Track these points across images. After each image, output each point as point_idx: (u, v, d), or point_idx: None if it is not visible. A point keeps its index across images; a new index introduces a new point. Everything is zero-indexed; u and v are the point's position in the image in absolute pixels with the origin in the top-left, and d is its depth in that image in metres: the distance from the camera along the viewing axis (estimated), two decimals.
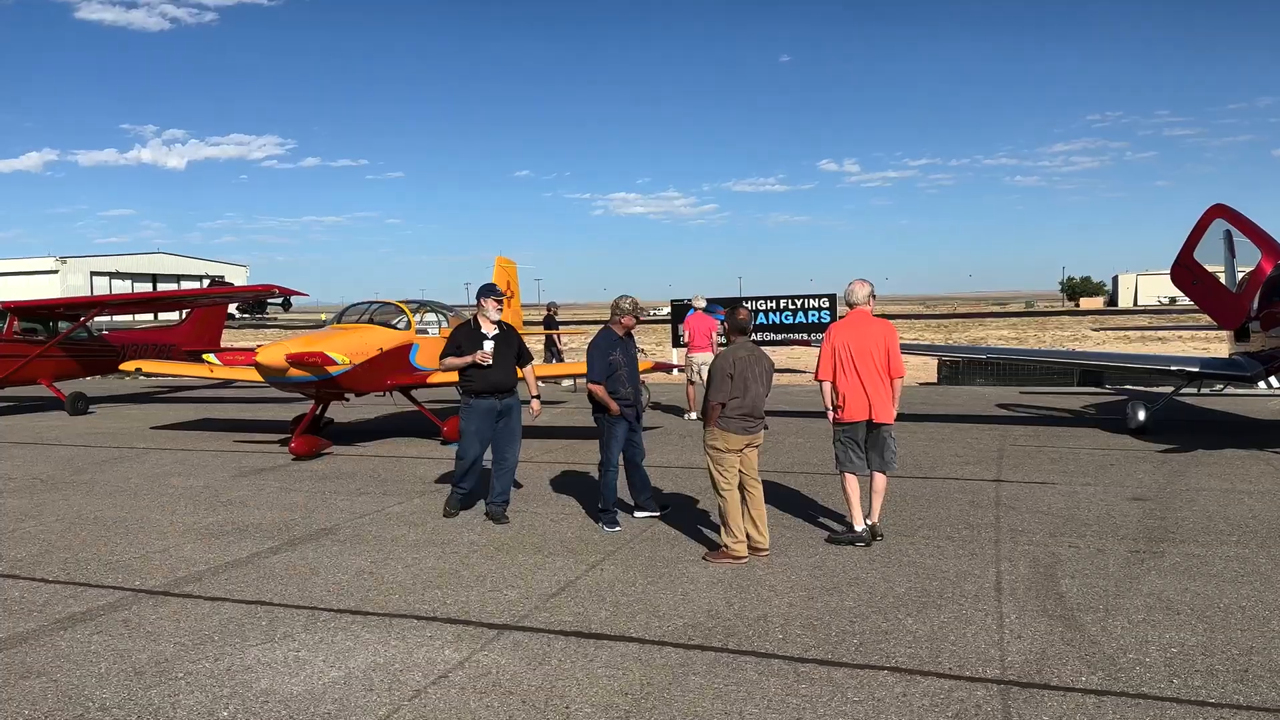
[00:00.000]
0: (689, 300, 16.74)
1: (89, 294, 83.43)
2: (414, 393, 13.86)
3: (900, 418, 7.61)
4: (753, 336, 7.36)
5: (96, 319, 19.55)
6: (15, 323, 17.82)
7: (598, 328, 8.52)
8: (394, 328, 13.26)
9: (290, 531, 7.99)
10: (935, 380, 22.35)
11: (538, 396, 8.67)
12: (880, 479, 7.32)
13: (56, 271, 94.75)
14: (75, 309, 19.27)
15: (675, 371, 17.54)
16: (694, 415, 15.19)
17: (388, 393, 13.71)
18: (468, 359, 8.02)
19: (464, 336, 8.15)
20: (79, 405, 17.48)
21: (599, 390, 7.82)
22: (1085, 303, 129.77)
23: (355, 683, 4.75)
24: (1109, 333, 40.40)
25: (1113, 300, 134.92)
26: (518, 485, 8.93)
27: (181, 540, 7.75)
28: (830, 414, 7.27)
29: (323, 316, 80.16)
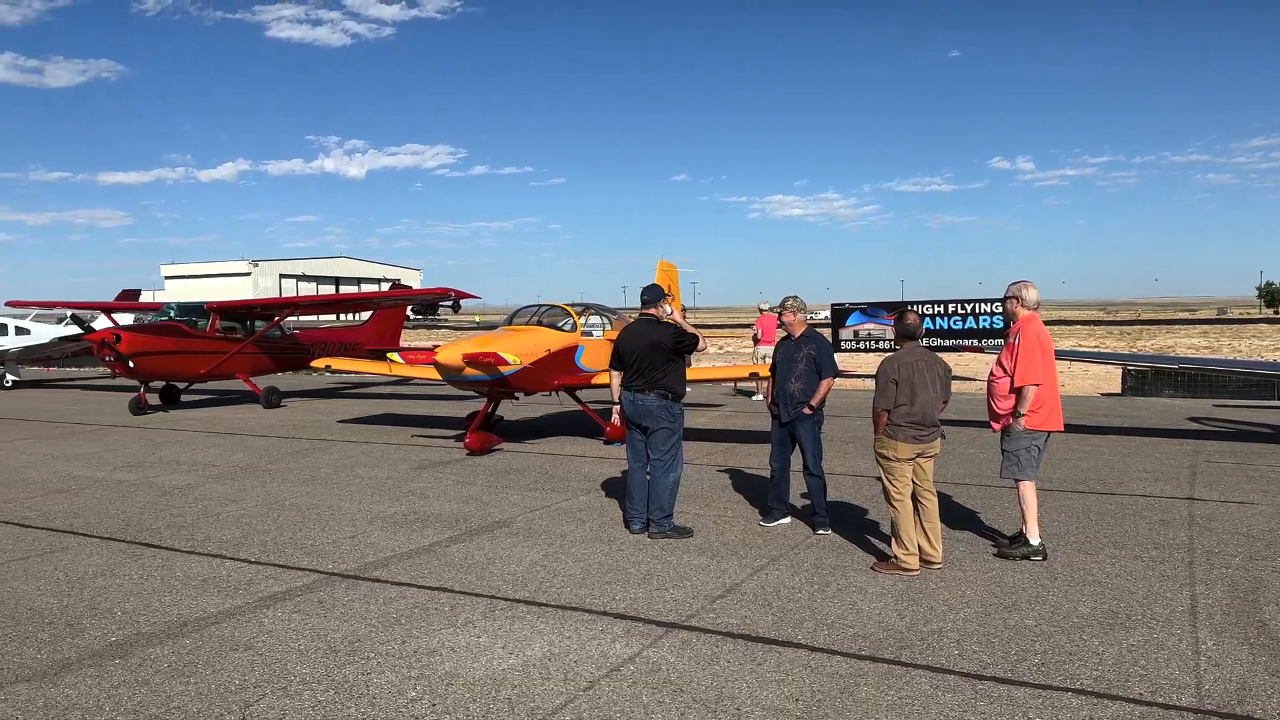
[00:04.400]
0: (848, 305, 19.07)
1: (278, 295, 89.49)
2: (578, 393, 14.19)
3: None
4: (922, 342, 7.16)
5: (287, 318, 20.93)
6: (217, 321, 19.31)
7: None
8: (560, 329, 13.63)
9: (467, 523, 8.35)
10: (1120, 391, 21.13)
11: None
12: None
13: (249, 274, 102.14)
14: (270, 309, 20.72)
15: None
16: (759, 396, 18.90)
17: (554, 392, 14.10)
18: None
19: None
20: (273, 399, 18.75)
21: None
22: None
23: (533, 670, 4.93)
24: None
25: None
26: None
27: (369, 527, 8.23)
28: (1020, 421, 6.86)
29: (476, 319, 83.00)
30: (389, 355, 18.44)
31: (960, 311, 18.48)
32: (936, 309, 18.80)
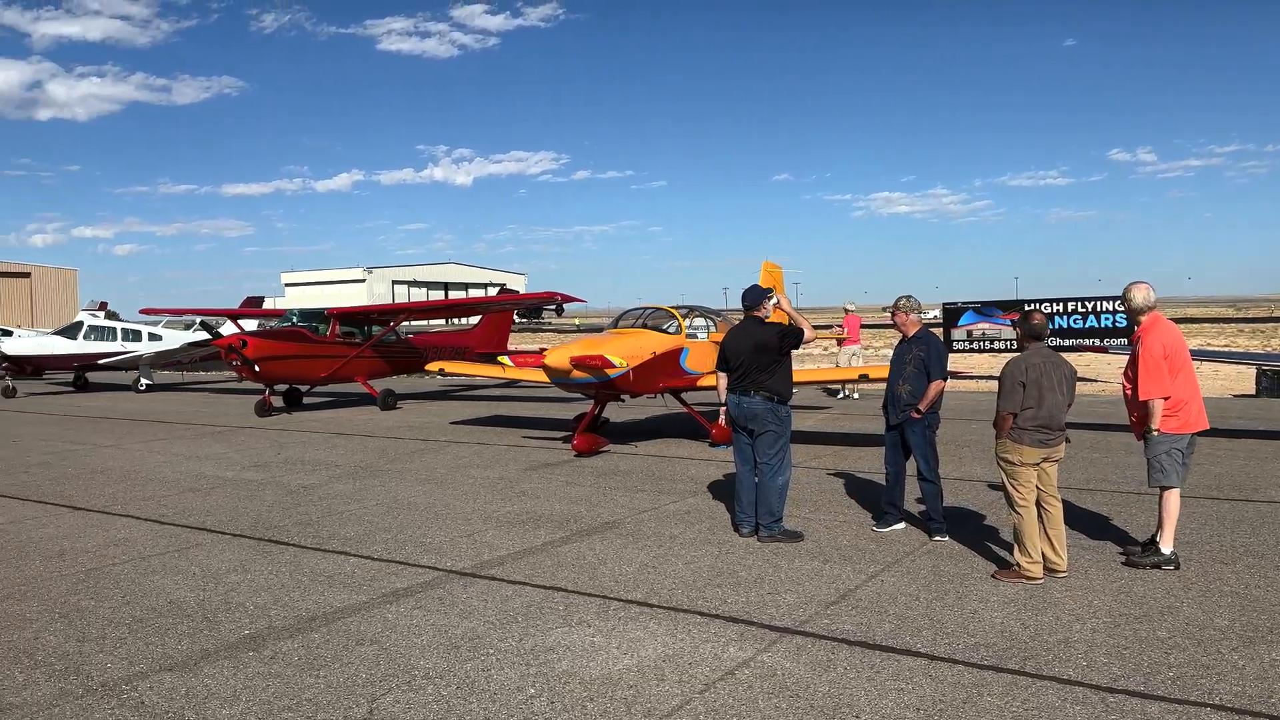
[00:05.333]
0: (960, 304, 18.65)
1: (390, 300, 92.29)
2: (684, 395, 14.20)
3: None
4: (1049, 342, 6.93)
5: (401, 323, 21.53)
6: (337, 327, 20.01)
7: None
8: (665, 332, 13.65)
9: (578, 523, 8.46)
10: (1254, 392, 20.03)
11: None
12: None
13: (364, 280, 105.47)
14: (386, 315, 21.35)
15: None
16: (843, 395, 19.75)
17: (659, 395, 14.14)
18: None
19: None
20: (389, 401, 19.31)
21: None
22: None
23: (648, 671, 4.96)
24: None
25: None
26: None
27: (484, 526, 8.42)
28: (1155, 430, 6.60)
29: (576, 322, 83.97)
30: (500, 359, 18.78)
31: (1080, 310, 17.79)
32: (1055, 307, 18.13)
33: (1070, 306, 17.95)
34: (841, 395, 19.92)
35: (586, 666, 5.05)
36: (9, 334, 29.07)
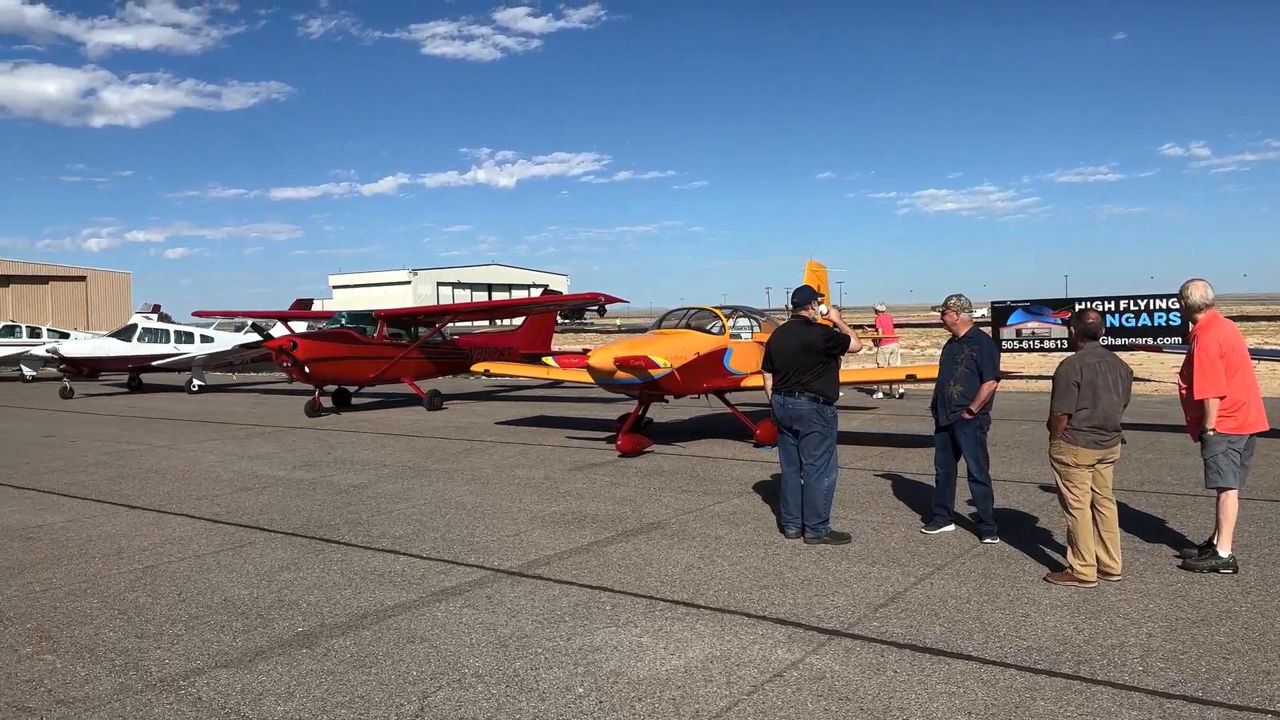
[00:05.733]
0: (1009, 303, 18.24)
1: (435, 302, 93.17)
2: (727, 396, 14.16)
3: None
4: (1103, 341, 6.82)
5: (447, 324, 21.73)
6: (384, 328, 20.25)
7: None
8: (709, 332, 13.63)
9: (623, 524, 8.48)
10: None
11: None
12: None
13: (409, 282, 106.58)
14: (432, 316, 21.56)
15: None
16: (880, 395, 19.71)
17: (703, 395, 14.12)
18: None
19: None
20: (435, 401, 19.49)
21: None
22: None
23: (695, 672, 4.97)
24: None
25: None
26: None
27: (530, 526, 8.48)
28: (1210, 430, 6.47)
29: (618, 323, 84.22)
30: (544, 359, 18.90)
31: (1133, 308, 17.45)
32: (1107, 305, 17.78)
33: (1122, 305, 17.60)
34: (877, 395, 19.88)
35: (634, 666, 5.07)
36: (66, 336, 29.87)
